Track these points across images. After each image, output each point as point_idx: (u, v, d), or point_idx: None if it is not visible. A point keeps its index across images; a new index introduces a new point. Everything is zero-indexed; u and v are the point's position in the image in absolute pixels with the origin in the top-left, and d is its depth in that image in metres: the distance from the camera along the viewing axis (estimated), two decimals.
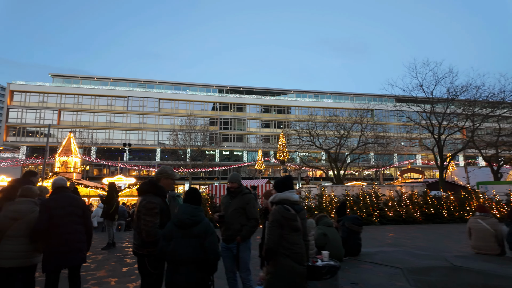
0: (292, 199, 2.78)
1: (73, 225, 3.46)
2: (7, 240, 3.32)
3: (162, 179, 3.26)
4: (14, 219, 3.36)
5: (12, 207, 3.45)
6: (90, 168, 45.30)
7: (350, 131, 18.57)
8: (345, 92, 62.87)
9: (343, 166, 18.27)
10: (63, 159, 20.01)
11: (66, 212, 3.45)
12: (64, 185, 3.73)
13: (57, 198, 3.53)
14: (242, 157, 52.47)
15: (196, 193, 2.90)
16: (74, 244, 3.40)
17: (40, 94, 47.27)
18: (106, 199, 7.84)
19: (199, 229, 2.65)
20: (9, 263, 3.28)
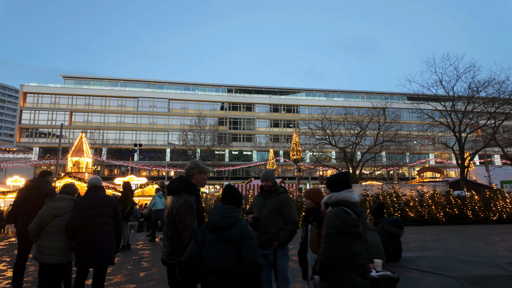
0: (351, 200, 2.35)
1: (103, 226, 3.44)
2: (46, 236, 3.40)
3: (194, 175, 2.82)
4: (55, 216, 3.43)
5: (54, 203, 3.52)
6: (101, 168, 45.59)
7: (366, 130, 17.95)
8: (356, 91, 61.94)
9: (359, 165, 17.69)
10: (75, 159, 19.97)
11: (98, 213, 3.44)
12: (98, 184, 3.71)
13: (91, 198, 3.52)
14: (251, 157, 52.11)
15: (231, 191, 2.50)
16: (103, 246, 3.39)
17: (52, 96, 47.82)
18: (120, 199, 7.53)
19: (233, 233, 2.27)
20: (48, 259, 3.36)
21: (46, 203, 3.59)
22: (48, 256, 3.36)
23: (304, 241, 2.90)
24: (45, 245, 3.38)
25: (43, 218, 3.45)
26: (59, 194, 3.70)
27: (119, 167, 46.99)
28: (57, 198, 3.61)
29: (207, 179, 3.00)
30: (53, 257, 3.36)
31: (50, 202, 3.56)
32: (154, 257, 6.48)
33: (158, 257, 6.50)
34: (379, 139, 17.90)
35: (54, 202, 3.56)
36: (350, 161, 17.36)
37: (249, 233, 2.30)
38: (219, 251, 2.24)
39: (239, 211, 2.41)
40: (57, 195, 3.73)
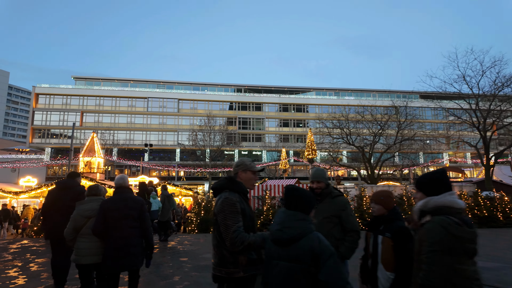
0: (457, 206, 1.77)
1: (127, 228, 3.33)
2: (82, 238, 3.46)
3: (239, 173, 2.43)
4: (88, 217, 3.49)
5: (85, 205, 3.58)
6: (112, 168, 45.73)
7: (385, 129, 17.26)
8: (367, 89, 60.94)
9: (378, 165, 17.02)
10: (87, 159, 19.80)
11: (121, 215, 3.34)
12: (123, 184, 3.61)
13: (114, 200, 3.46)
14: (261, 156, 51.64)
15: (294, 192, 1.95)
16: (128, 249, 3.29)
17: (63, 97, 48.22)
18: None
19: (301, 248, 1.72)
20: (86, 260, 3.41)
21: (77, 206, 3.64)
22: (86, 257, 3.41)
23: (372, 255, 2.37)
24: (82, 246, 3.44)
25: (77, 221, 3.52)
26: (87, 196, 3.73)
27: (129, 167, 47.10)
28: (88, 200, 3.66)
29: (256, 179, 2.53)
30: (90, 258, 3.42)
31: (81, 205, 3.62)
32: (174, 263, 6.04)
33: (178, 263, 6.07)
34: (398, 138, 17.17)
35: (85, 204, 3.62)
36: (368, 161, 16.72)
37: (326, 249, 1.73)
38: (282, 272, 1.74)
39: (307, 218, 1.86)
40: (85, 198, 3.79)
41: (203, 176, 46.30)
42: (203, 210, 11.50)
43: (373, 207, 2.46)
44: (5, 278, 5.22)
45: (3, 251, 7.38)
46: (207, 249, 7.40)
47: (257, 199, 11.72)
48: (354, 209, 11.57)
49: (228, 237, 2.06)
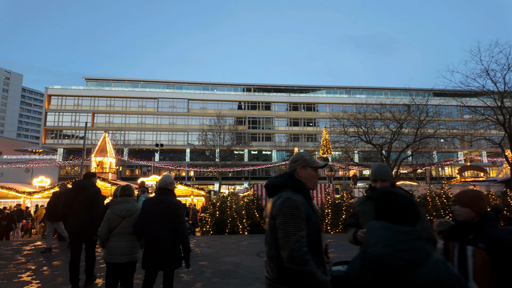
0: None
1: (162, 231, 3.30)
2: (115, 237, 3.51)
3: (298, 170, 1.96)
4: (123, 217, 3.56)
5: (121, 205, 3.64)
6: (123, 169, 45.97)
7: (402, 127, 16.58)
8: (379, 87, 59.86)
9: (397, 164, 16.37)
10: (99, 159, 19.71)
11: (157, 217, 3.32)
12: (164, 186, 3.53)
13: (152, 200, 3.46)
14: (271, 156, 51.19)
15: (398, 199, 1.43)
16: (162, 252, 3.27)
17: (75, 98, 48.72)
18: None
19: (422, 279, 1.23)
20: (120, 259, 3.48)
21: (112, 206, 3.68)
22: (120, 256, 3.47)
23: (459, 268, 1.91)
24: (115, 245, 3.48)
25: (112, 221, 3.57)
26: (120, 196, 3.76)
27: (140, 167, 47.31)
28: (122, 200, 3.70)
29: (318, 177, 2.07)
30: (124, 257, 3.48)
31: (117, 205, 3.65)
32: (194, 268, 5.67)
33: (198, 268, 5.70)
34: (418, 136, 16.47)
35: (121, 204, 3.66)
36: (386, 160, 16.10)
37: (457, 279, 1.25)
38: None
39: (422, 236, 1.35)
40: (118, 198, 3.80)
41: (213, 176, 46.15)
42: (218, 210, 11.15)
43: (458, 211, 1.98)
44: (17, 283, 4.93)
45: (16, 253, 7.16)
46: (226, 252, 7.03)
47: None
48: None
49: (288, 247, 1.62)
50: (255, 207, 11.03)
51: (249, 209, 11.14)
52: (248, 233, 10.34)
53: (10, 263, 6.23)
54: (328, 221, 10.52)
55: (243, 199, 12.57)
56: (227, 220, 10.74)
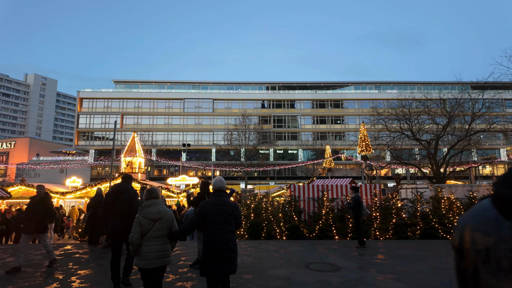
0: None
1: (226, 233, 3.28)
2: (149, 241, 3.37)
3: None
4: (156, 220, 3.44)
5: (152, 208, 3.49)
6: (151, 169, 46.67)
7: (453, 122, 14.94)
8: (411, 81, 56.67)
9: (445, 161, 14.77)
10: (128, 159, 19.61)
11: (221, 219, 3.30)
12: (223, 188, 3.55)
13: (214, 203, 3.40)
14: (297, 155, 49.95)
15: None
16: (226, 254, 3.24)
17: (105, 100, 50.18)
18: (195, 200, 5.88)
19: None
20: (155, 264, 3.35)
21: (141, 209, 3.52)
22: (154, 260, 3.35)
23: None
24: (150, 250, 3.35)
25: (144, 225, 3.43)
26: (148, 200, 3.60)
27: (167, 167, 47.85)
28: (152, 203, 3.56)
29: None
30: (158, 261, 3.38)
31: (147, 208, 3.50)
32: (237, 283, 4.87)
33: (242, 283, 4.88)
34: (470, 132, 14.75)
35: (151, 207, 3.51)
36: (433, 157, 14.55)
37: None
38: None
39: None
40: (145, 201, 3.64)
41: (238, 176, 45.75)
42: (252, 212, 10.33)
43: None
44: None
45: (44, 258, 6.72)
46: (270, 262, 6.17)
47: (312, 200, 10.31)
48: (432, 214, 9.74)
49: None
50: (293, 209, 10.10)
51: (286, 211, 10.24)
52: (286, 238, 9.43)
53: (37, 271, 5.75)
54: (376, 225, 9.38)
55: (275, 200, 11.68)
56: (263, 224, 9.91)
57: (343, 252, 7.01)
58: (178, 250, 7.55)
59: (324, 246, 7.75)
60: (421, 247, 7.68)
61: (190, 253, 7.07)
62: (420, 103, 17.01)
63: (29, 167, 44.40)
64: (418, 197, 10.04)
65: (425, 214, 9.73)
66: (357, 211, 7.64)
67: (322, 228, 9.39)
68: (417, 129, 15.46)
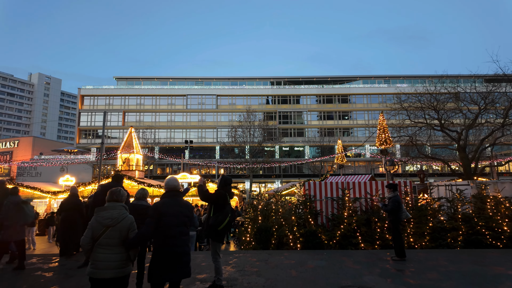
0: None
1: (182, 236, 3.17)
2: (101, 249, 3.09)
3: None
4: (107, 226, 3.12)
5: (104, 213, 3.20)
6: (154, 167, 45.50)
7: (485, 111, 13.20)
8: (422, 75, 54.54)
9: (477, 154, 13.06)
10: (125, 156, 18.20)
11: (178, 222, 3.16)
12: (178, 187, 3.41)
13: (169, 204, 3.24)
14: (303, 152, 48.33)
15: None
16: (184, 258, 3.13)
17: (106, 97, 49.10)
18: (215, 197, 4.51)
19: None
20: (105, 274, 3.04)
21: (96, 212, 3.23)
22: (105, 270, 3.02)
23: None
24: (100, 258, 3.04)
25: (95, 229, 3.13)
26: (107, 201, 3.29)
27: (171, 165, 46.62)
28: (107, 207, 3.24)
29: None
30: (110, 271, 3.03)
31: (101, 212, 3.20)
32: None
33: None
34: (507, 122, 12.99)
35: (105, 211, 3.20)
36: (463, 150, 12.85)
37: None
38: None
39: None
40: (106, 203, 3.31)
41: (243, 174, 44.38)
42: (260, 215, 8.78)
43: None
44: None
45: (37, 270, 5.24)
46: (289, 285, 4.61)
47: (331, 200, 8.73)
48: (476, 216, 8.09)
49: None
50: (308, 211, 8.54)
51: (300, 214, 8.68)
52: (301, 247, 7.87)
53: None
54: (410, 231, 7.77)
55: (286, 201, 10.13)
56: (273, 228, 8.37)
57: (379, 268, 5.44)
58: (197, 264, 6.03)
59: (352, 259, 6.17)
60: (477, 260, 6.06)
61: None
62: (444, 97, 15.29)
63: (30, 165, 43.52)
64: (457, 196, 8.40)
65: (467, 216, 8.09)
66: (395, 215, 6.05)
67: (345, 234, 7.81)
68: (447, 118, 13.70)
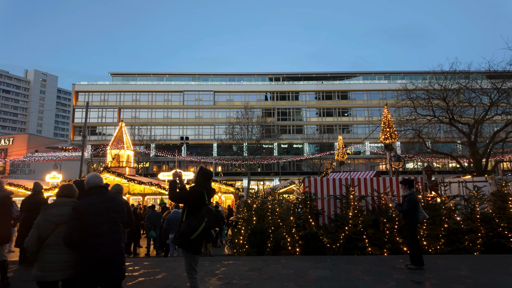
0: None
1: (111, 234, 2.87)
2: (49, 249, 2.86)
3: None
4: (57, 224, 2.90)
5: (54, 210, 2.97)
6: (150, 164, 44.58)
7: (498, 102, 12.32)
8: (424, 71, 53.41)
9: (488, 148, 12.20)
10: (115, 152, 17.26)
11: (104, 219, 2.87)
12: (100, 183, 3.08)
13: (93, 201, 2.92)
14: (302, 150, 47.49)
15: None
16: (112, 258, 2.83)
17: (101, 93, 48.09)
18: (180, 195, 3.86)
19: None
20: (53, 276, 2.83)
21: (43, 210, 2.98)
22: (55, 272, 2.81)
23: None
24: (49, 260, 2.80)
25: (43, 228, 2.88)
26: (57, 197, 3.09)
27: (167, 163, 45.70)
28: (56, 203, 3.01)
29: None
30: (61, 273, 2.82)
31: (49, 209, 2.96)
32: None
33: None
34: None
35: (54, 208, 2.97)
36: (473, 144, 11.99)
37: None
38: None
39: None
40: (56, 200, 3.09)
41: (241, 172, 43.56)
42: (255, 215, 7.89)
43: None
44: None
45: None
46: None
47: (334, 199, 7.84)
48: (496, 216, 7.22)
49: None
50: (308, 210, 7.65)
51: (299, 213, 7.80)
52: (300, 251, 6.98)
53: None
54: (423, 233, 6.88)
55: (284, 199, 9.24)
56: (269, 230, 7.48)
57: (394, 280, 4.55)
58: (176, 276, 5.12)
59: (361, 268, 5.27)
60: (505, 268, 5.18)
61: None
62: (454, 84, 14.43)
63: (20, 161, 42.60)
64: (475, 194, 7.52)
65: (487, 216, 7.22)
66: (412, 216, 5.16)
67: (350, 236, 6.93)
68: (456, 111, 12.80)
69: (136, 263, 5.55)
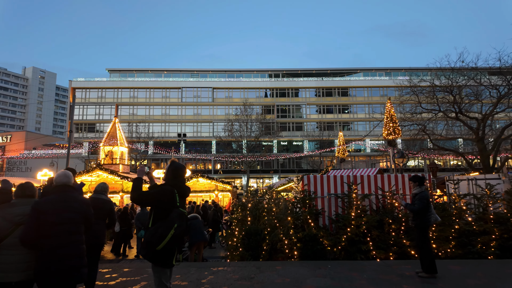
0: None
1: (67, 236, 2.70)
2: (6, 250, 2.72)
3: None
4: (18, 224, 2.76)
5: (15, 209, 2.83)
6: (148, 162, 44.05)
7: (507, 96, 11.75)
8: (423, 68, 52.83)
9: (497, 144, 11.63)
10: (108, 149, 16.69)
11: (60, 220, 2.71)
12: (68, 183, 2.93)
13: (52, 201, 2.78)
14: (302, 147, 46.92)
15: None
16: (67, 261, 2.67)
17: (98, 90, 47.48)
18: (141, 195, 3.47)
19: None
20: (12, 277, 2.70)
21: (3, 209, 2.81)
22: (12, 273, 2.66)
23: None
24: (6, 260, 2.66)
25: (2, 228, 2.73)
26: (17, 197, 2.92)
27: (165, 161, 45.12)
28: (18, 202, 2.85)
29: None
30: (19, 274, 2.68)
31: (9, 208, 2.81)
32: None
33: None
34: None
35: (15, 207, 2.82)
36: (481, 141, 11.42)
37: None
38: None
39: None
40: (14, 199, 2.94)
41: (240, 169, 43.04)
42: (250, 215, 7.32)
43: None
44: None
45: None
46: None
47: (335, 198, 7.28)
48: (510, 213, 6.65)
49: None
50: (307, 210, 7.07)
51: (297, 213, 7.22)
52: (299, 255, 6.41)
53: None
54: (432, 235, 6.31)
55: (281, 197, 8.66)
56: (265, 231, 6.92)
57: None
58: None
59: (365, 276, 4.69)
60: None
61: None
62: (462, 77, 13.88)
63: (14, 158, 42.09)
64: (487, 192, 6.95)
65: (501, 217, 6.65)
66: (423, 217, 4.59)
67: (352, 238, 6.36)
68: (463, 106, 12.20)
69: (115, 269, 5.00)
